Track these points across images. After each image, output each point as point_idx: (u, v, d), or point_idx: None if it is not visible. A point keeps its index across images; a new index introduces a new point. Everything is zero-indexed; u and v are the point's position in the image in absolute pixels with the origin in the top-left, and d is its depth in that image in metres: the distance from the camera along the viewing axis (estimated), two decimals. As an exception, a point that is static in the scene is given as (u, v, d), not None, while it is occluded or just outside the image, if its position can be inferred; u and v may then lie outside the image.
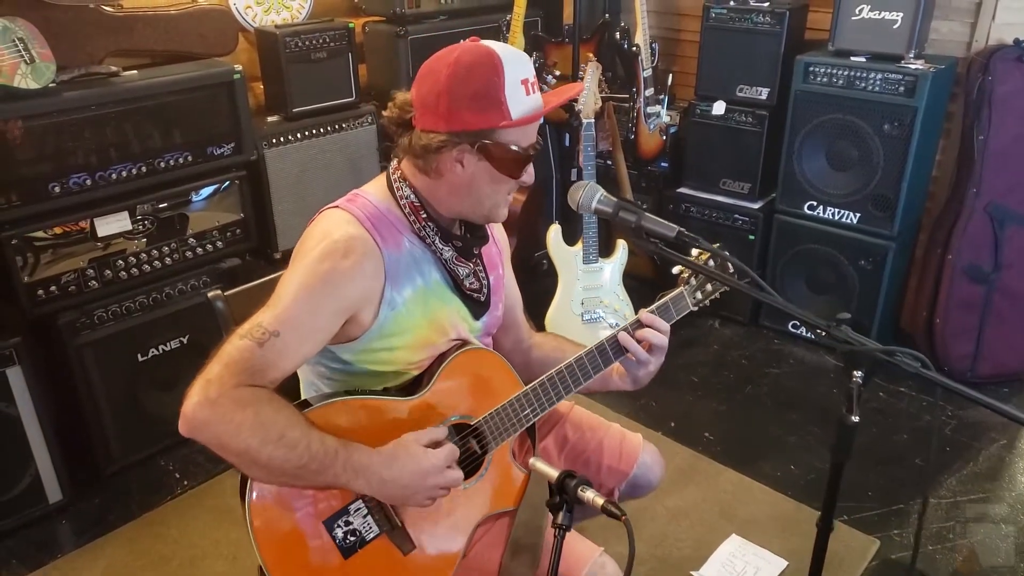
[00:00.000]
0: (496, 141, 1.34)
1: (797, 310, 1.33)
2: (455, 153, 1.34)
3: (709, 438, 2.79)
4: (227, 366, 1.22)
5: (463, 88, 1.30)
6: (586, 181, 1.44)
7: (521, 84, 1.32)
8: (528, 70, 1.35)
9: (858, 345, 1.28)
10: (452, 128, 1.32)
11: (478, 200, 1.41)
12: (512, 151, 1.35)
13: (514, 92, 1.31)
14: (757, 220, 3.27)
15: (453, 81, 1.30)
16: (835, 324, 1.29)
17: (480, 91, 1.30)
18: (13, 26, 2.13)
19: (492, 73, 1.30)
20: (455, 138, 1.33)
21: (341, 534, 1.33)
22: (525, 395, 1.48)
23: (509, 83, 1.30)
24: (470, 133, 1.32)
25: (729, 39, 3.16)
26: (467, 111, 1.31)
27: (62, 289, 2.34)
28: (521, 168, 1.39)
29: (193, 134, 2.50)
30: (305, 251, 1.35)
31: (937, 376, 1.25)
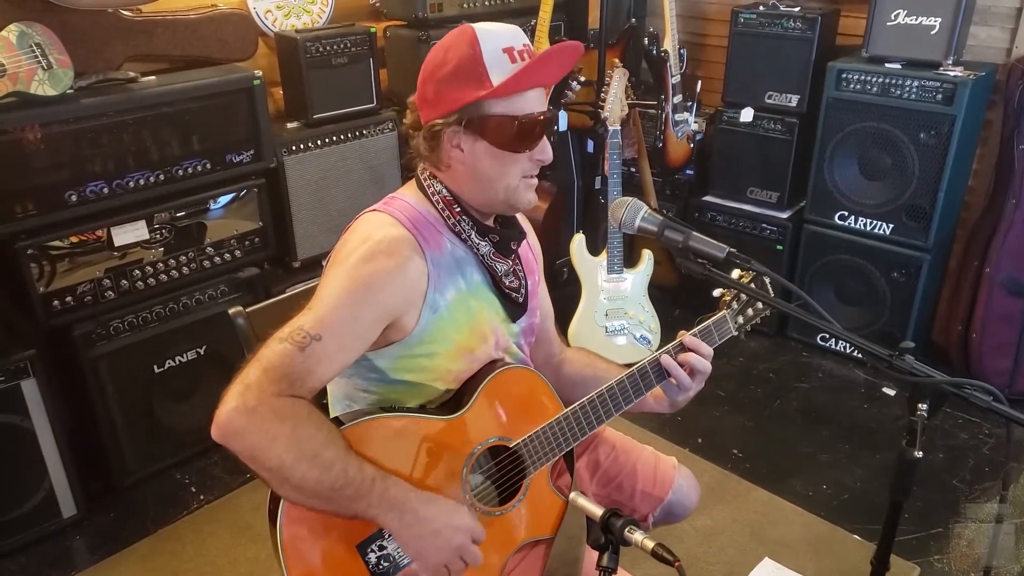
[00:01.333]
0: (484, 114, 1.29)
1: (857, 339, 1.26)
2: (450, 136, 1.31)
3: (737, 455, 2.71)
4: (266, 371, 1.16)
5: (443, 69, 1.28)
6: (629, 198, 1.36)
7: (503, 52, 1.27)
8: (512, 39, 1.28)
9: (923, 376, 1.21)
10: (441, 112, 1.29)
11: (489, 183, 1.34)
12: (504, 121, 1.29)
13: (495, 61, 1.26)
14: (785, 230, 3.19)
15: (433, 65, 1.30)
16: (898, 354, 1.22)
17: (458, 67, 1.27)
18: (31, 31, 2.08)
19: (467, 47, 1.26)
20: (446, 120, 1.29)
21: (375, 559, 1.27)
22: (565, 418, 1.42)
23: (488, 53, 1.26)
24: (456, 112, 1.28)
25: (758, 45, 3.09)
26: (449, 90, 1.28)
27: (78, 299, 2.29)
28: (524, 140, 1.31)
29: (212, 141, 2.45)
30: (346, 254, 1.30)
31: (1011, 412, 1.17)
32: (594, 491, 1.67)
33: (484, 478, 1.44)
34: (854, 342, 1.26)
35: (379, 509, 1.19)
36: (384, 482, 1.20)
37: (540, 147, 1.35)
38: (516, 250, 1.45)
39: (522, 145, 1.31)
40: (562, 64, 1.35)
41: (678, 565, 1.06)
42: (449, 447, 1.34)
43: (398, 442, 1.30)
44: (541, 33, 2.77)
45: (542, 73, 1.31)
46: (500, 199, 1.36)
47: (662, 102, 2.82)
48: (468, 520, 1.26)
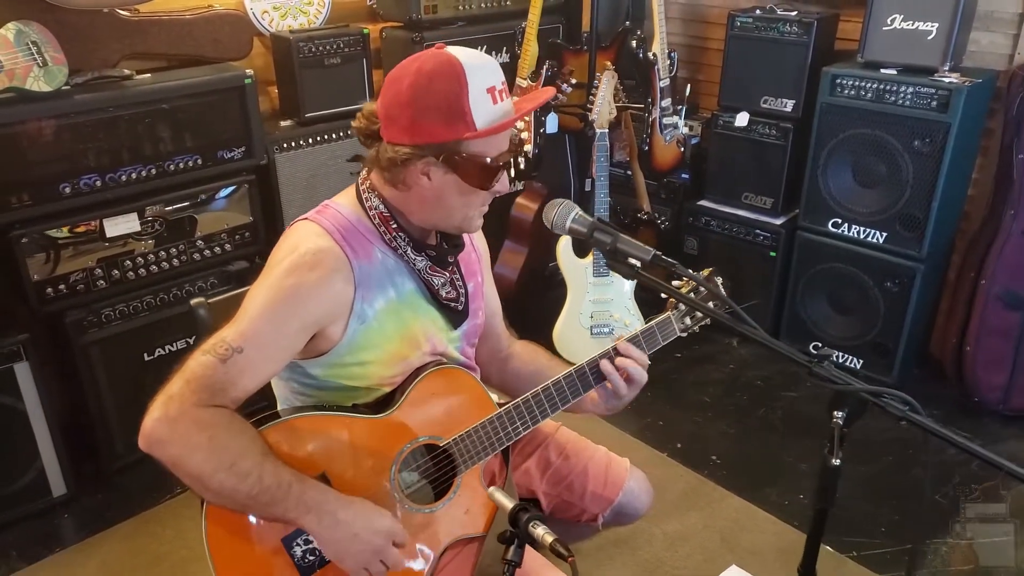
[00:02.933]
0: (462, 153, 1.29)
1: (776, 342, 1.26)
2: (421, 166, 1.31)
3: (716, 461, 2.71)
4: (188, 382, 1.21)
5: (425, 100, 1.27)
6: (562, 199, 1.39)
7: (487, 92, 1.28)
8: (495, 77, 1.29)
9: (841, 383, 1.22)
10: (416, 141, 1.29)
11: (448, 212, 1.37)
12: (479, 162, 1.31)
13: (479, 101, 1.26)
14: (779, 236, 3.17)
15: (415, 92, 1.27)
16: (816, 360, 1.22)
17: (443, 102, 1.26)
18: (28, 30, 2.17)
19: (455, 83, 1.25)
20: (420, 151, 1.29)
21: (300, 552, 1.31)
22: (499, 418, 1.44)
23: (473, 92, 1.26)
24: (435, 146, 1.29)
25: (754, 49, 3.07)
26: (431, 123, 1.27)
27: (70, 288, 2.38)
28: (491, 178, 1.34)
29: (204, 138, 2.52)
30: (273, 264, 1.34)
31: (926, 422, 1.17)
32: (544, 490, 1.69)
33: (420, 476, 1.47)
34: (774, 346, 1.26)
35: (297, 512, 1.22)
36: (301, 485, 1.23)
37: (502, 182, 1.37)
38: (454, 261, 1.47)
39: (489, 182, 1.34)
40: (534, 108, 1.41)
41: (571, 560, 1.09)
42: (378, 445, 1.37)
43: (325, 439, 1.34)
44: (530, 35, 2.80)
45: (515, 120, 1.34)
46: (455, 224, 1.40)
47: (649, 105, 2.82)
48: (388, 523, 1.29)
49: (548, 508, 1.70)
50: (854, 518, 2.45)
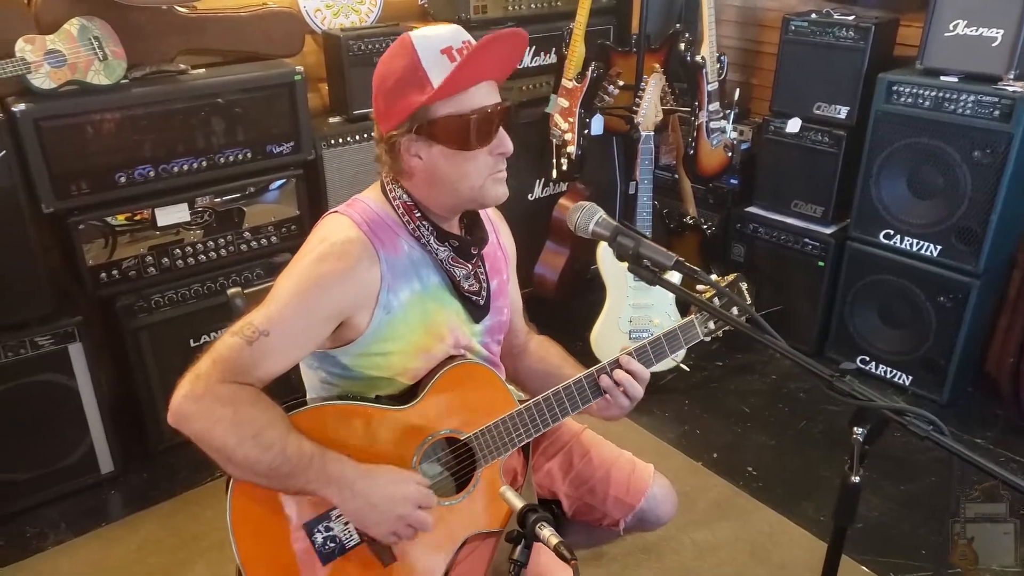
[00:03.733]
0: (431, 118, 1.31)
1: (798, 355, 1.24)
2: (406, 146, 1.34)
3: (752, 473, 2.66)
4: (215, 362, 1.25)
5: (388, 81, 1.32)
6: (587, 203, 1.38)
7: (442, 54, 1.29)
8: (451, 39, 1.30)
9: (863, 399, 1.19)
10: (394, 123, 1.33)
11: (453, 186, 1.37)
12: (452, 121, 1.30)
13: (434, 63, 1.28)
14: (828, 246, 3.09)
15: (380, 78, 1.33)
16: (838, 375, 1.19)
17: (400, 75, 1.30)
18: (91, 25, 2.26)
19: (407, 55, 1.29)
20: (399, 131, 1.33)
21: (321, 539, 1.34)
22: (519, 415, 1.45)
23: (426, 57, 1.28)
24: (407, 121, 1.31)
25: (809, 53, 3.00)
26: (397, 101, 1.31)
27: (123, 273, 2.47)
28: (477, 136, 1.32)
29: (254, 132, 2.59)
30: (303, 253, 1.37)
31: (949, 442, 1.13)
32: (566, 492, 1.69)
33: (442, 469, 1.49)
34: (795, 358, 1.24)
35: (318, 484, 1.25)
36: (323, 458, 1.26)
37: (498, 140, 1.36)
38: (478, 254, 1.48)
39: (476, 142, 1.33)
40: (504, 54, 1.34)
41: (573, 564, 1.09)
42: (400, 436, 1.39)
43: (348, 428, 1.36)
44: (577, 36, 2.79)
45: (481, 66, 1.31)
46: (468, 198, 1.40)
47: (695, 109, 2.79)
48: (410, 489, 1.31)
49: (570, 511, 1.70)
50: (894, 537, 2.38)
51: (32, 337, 2.34)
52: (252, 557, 1.32)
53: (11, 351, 2.31)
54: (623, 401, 1.47)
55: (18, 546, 2.36)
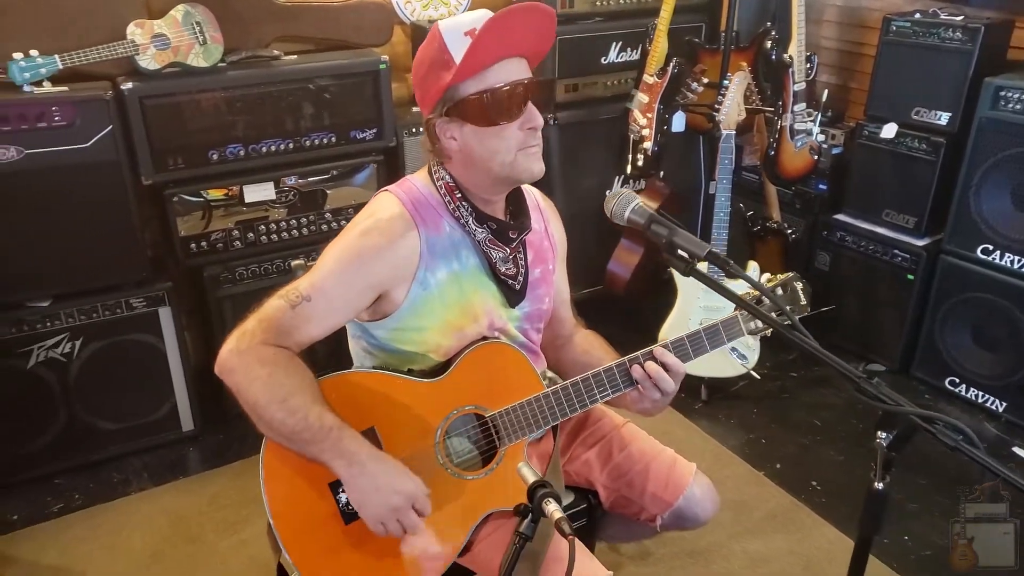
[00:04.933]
0: (459, 98, 1.36)
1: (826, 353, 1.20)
2: (441, 128, 1.39)
3: (816, 487, 2.56)
4: (260, 322, 1.34)
5: (421, 68, 1.39)
6: (624, 190, 1.39)
7: (465, 35, 1.33)
8: (473, 21, 1.33)
9: (890, 404, 1.15)
10: (428, 108, 1.40)
11: (484, 164, 1.41)
12: (479, 97, 1.34)
13: (458, 45, 1.33)
14: (919, 259, 2.93)
15: (414, 68, 1.42)
16: (865, 377, 1.16)
17: (429, 61, 1.37)
18: (194, 11, 2.42)
19: (434, 41, 1.36)
20: (433, 115, 1.39)
21: (345, 499, 1.39)
22: (545, 397, 1.47)
23: (451, 40, 1.33)
24: (438, 104, 1.37)
25: (909, 55, 2.85)
26: (428, 85, 1.38)
27: (211, 245, 2.64)
28: (503, 111, 1.35)
29: (339, 117, 2.70)
30: (351, 227, 1.45)
31: (982, 456, 1.08)
32: (604, 483, 1.69)
33: (471, 445, 1.52)
34: (825, 357, 1.20)
35: (330, 455, 1.31)
36: (340, 432, 1.31)
37: (527, 115, 1.38)
38: (517, 239, 1.50)
39: (502, 117, 1.36)
40: (524, 30, 1.35)
41: (571, 539, 1.09)
42: (426, 408, 1.44)
43: (378, 396, 1.42)
44: (660, 32, 2.76)
45: (499, 42, 1.33)
46: (502, 176, 1.43)
47: (779, 109, 2.70)
48: (411, 487, 1.34)
49: (607, 502, 1.70)
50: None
51: (127, 299, 2.53)
52: (281, 512, 1.39)
53: (108, 310, 2.50)
54: (654, 393, 1.45)
55: (106, 489, 2.56)
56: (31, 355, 2.42)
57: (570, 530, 1.10)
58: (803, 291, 1.59)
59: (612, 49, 3.18)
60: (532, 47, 1.41)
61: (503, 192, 1.50)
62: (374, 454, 1.33)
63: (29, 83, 2.23)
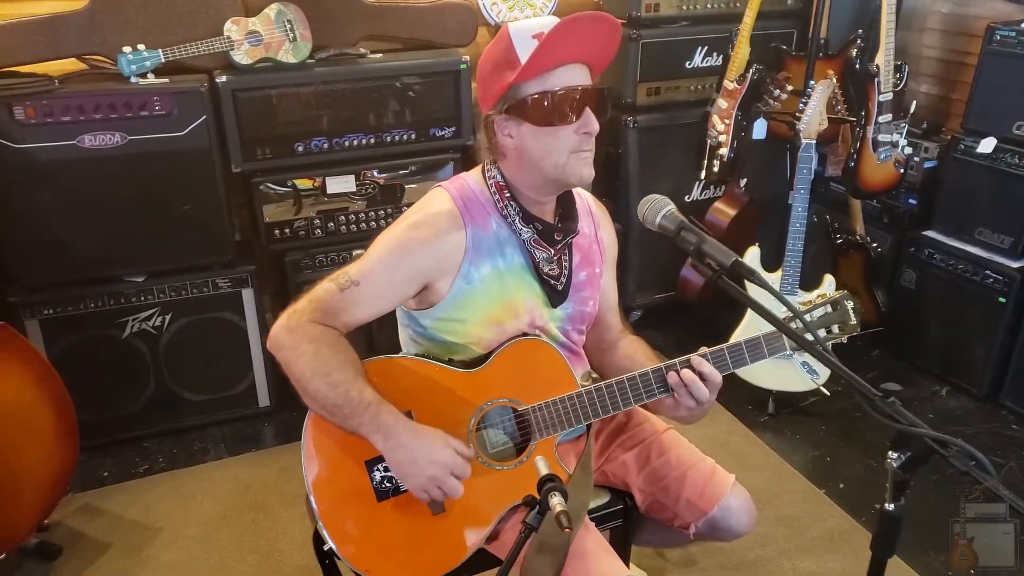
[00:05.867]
0: (520, 97, 1.39)
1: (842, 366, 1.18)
2: (500, 125, 1.44)
3: (878, 510, 2.46)
4: (311, 301, 1.45)
5: (486, 67, 1.44)
6: (658, 195, 1.39)
7: (533, 38, 1.36)
8: (544, 26, 1.36)
9: (904, 424, 1.12)
10: (489, 105, 1.44)
11: (537, 163, 1.45)
12: (539, 98, 1.38)
13: (525, 47, 1.37)
14: (1013, 281, 2.76)
15: (480, 66, 1.46)
16: (881, 395, 1.13)
17: (496, 60, 1.42)
18: (286, 10, 2.56)
19: (502, 42, 1.40)
20: (494, 111, 1.43)
21: (379, 477, 1.47)
22: (579, 396, 1.50)
23: (519, 41, 1.37)
24: (500, 101, 1.41)
25: (1014, 67, 2.70)
26: (491, 83, 1.43)
27: (294, 232, 2.78)
28: (561, 114, 1.39)
29: (420, 115, 2.80)
30: (403, 218, 1.53)
31: (990, 480, 1.05)
32: (640, 486, 1.70)
33: (507, 437, 1.56)
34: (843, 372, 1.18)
35: (368, 429, 1.38)
36: (378, 407, 1.38)
37: (584, 120, 1.42)
38: (562, 241, 1.53)
39: (561, 119, 1.40)
40: (588, 37, 1.39)
41: (567, 532, 1.12)
42: (462, 397, 1.49)
43: (417, 381, 1.49)
44: (743, 37, 2.71)
45: (563, 47, 1.37)
46: (552, 177, 1.47)
47: (861, 119, 2.61)
48: (447, 455, 1.39)
49: (643, 506, 1.71)
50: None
51: (214, 279, 2.70)
52: (319, 483, 1.48)
53: (196, 288, 2.68)
54: (688, 401, 1.46)
55: (187, 455, 2.74)
56: (126, 326, 2.62)
57: (567, 524, 1.13)
58: (853, 310, 1.56)
59: (697, 53, 3.15)
60: (595, 55, 1.45)
61: (553, 194, 1.53)
62: (410, 427, 1.39)
63: (135, 75, 2.42)
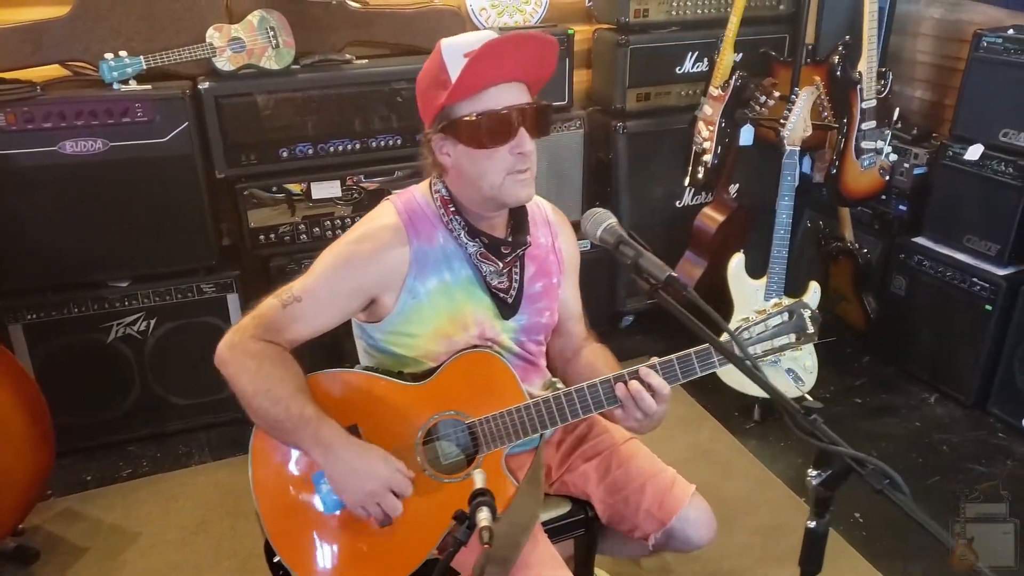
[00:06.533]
0: (453, 117, 1.39)
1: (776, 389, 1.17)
2: (437, 144, 1.45)
3: (858, 520, 2.45)
4: (254, 318, 1.45)
5: (422, 83, 1.45)
6: (600, 209, 1.39)
7: (464, 57, 1.35)
8: (474, 43, 1.35)
9: (825, 442, 1.12)
10: (427, 123, 1.45)
11: (473, 183, 1.45)
12: (472, 119, 1.37)
13: (455, 66, 1.36)
14: (999, 289, 2.73)
15: (418, 82, 1.47)
16: (801, 412, 1.13)
17: (431, 79, 1.42)
18: (269, 17, 2.58)
19: (435, 59, 1.41)
20: (431, 131, 1.44)
21: (325, 490, 1.46)
22: (526, 408, 1.49)
23: (450, 59, 1.37)
24: (435, 120, 1.42)
25: (1000, 74, 2.67)
26: (426, 101, 1.44)
27: (279, 237, 2.79)
28: (494, 135, 1.38)
29: (405, 120, 2.80)
30: (348, 232, 1.54)
31: (903, 499, 1.05)
32: (600, 497, 1.69)
33: (459, 449, 1.55)
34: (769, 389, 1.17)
35: (309, 444, 1.38)
36: (319, 422, 1.38)
37: (517, 140, 1.40)
38: (511, 254, 1.53)
39: (493, 141, 1.39)
40: (521, 57, 1.37)
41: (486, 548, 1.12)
42: (408, 410, 1.49)
43: (363, 395, 1.49)
44: (727, 43, 2.69)
45: (493, 67, 1.36)
46: (488, 197, 1.46)
47: (843, 126, 2.58)
48: (386, 472, 1.39)
49: (604, 516, 1.70)
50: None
51: (199, 284, 2.72)
52: (266, 493, 1.48)
53: (180, 293, 2.71)
54: (635, 412, 1.45)
55: (170, 460, 2.77)
56: (111, 330, 2.65)
57: (487, 539, 1.13)
58: (811, 319, 1.54)
59: (688, 59, 3.14)
60: (530, 74, 1.44)
61: (496, 210, 1.52)
62: (350, 442, 1.39)
63: (117, 81, 2.45)
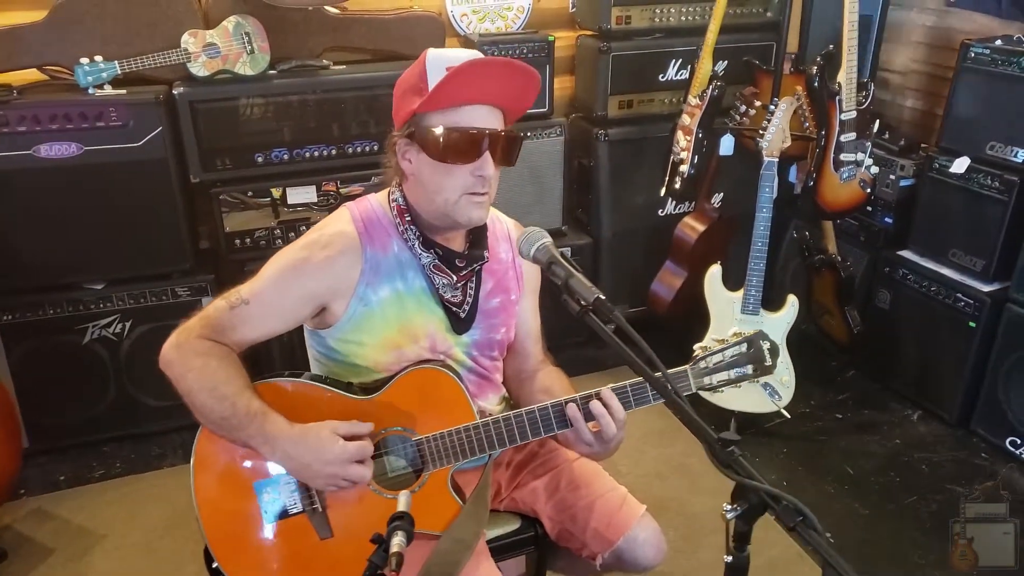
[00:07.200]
0: (423, 125, 1.39)
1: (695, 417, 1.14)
2: (401, 148, 1.43)
3: (829, 540, 2.39)
4: (201, 319, 1.44)
5: (400, 87, 1.44)
6: (536, 228, 1.36)
7: (446, 70, 1.35)
8: (458, 56, 1.36)
9: (742, 476, 1.10)
10: (397, 126, 1.44)
11: (429, 196, 1.44)
12: (441, 132, 1.37)
13: (436, 76, 1.36)
14: (983, 306, 2.67)
15: (396, 86, 1.46)
16: (719, 443, 1.10)
17: (410, 83, 1.41)
18: (244, 22, 2.58)
19: (418, 66, 1.41)
20: (398, 134, 1.43)
21: (267, 499, 1.45)
22: (475, 428, 1.47)
23: (432, 69, 1.37)
24: (405, 125, 1.41)
25: (988, 85, 2.62)
26: (401, 105, 1.43)
27: (254, 242, 2.79)
28: (459, 153, 1.38)
29: (382, 126, 2.78)
30: (300, 238, 1.53)
31: (815, 536, 1.04)
32: (548, 514, 1.67)
33: (407, 464, 1.54)
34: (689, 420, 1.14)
35: (256, 441, 1.37)
36: (264, 418, 1.37)
37: (480, 163, 1.40)
38: (465, 268, 1.51)
39: (456, 158, 1.38)
40: (502, 82, 1.37)
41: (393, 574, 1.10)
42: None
43: (306, 407, 1.46)
44: (706, 53, 2.65)
45: (472, 87, 1.36)
46: (442, 212, 1.45)
47: (821, 138, 2.54)
48: (337, 450, 1.36)
49: (553, 533, 1.68)
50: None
51: (173, 287, 2.72)
52: (206, 499, 1.46)
53: (155, 296, 2.71)
54: (586, 436, 1.43)
55: (143, 461, 2.77)
56: (86, 332, 2.66)
57: (395, 566, 1.11)
58: (769, 351, 1.52)
59: (671, 66, 3.11)
60: (508, 102, 1.43)
61: (448, 226, 1.50)
62: (294, 433, 1.37)
63: (92, 86, 2.45)
